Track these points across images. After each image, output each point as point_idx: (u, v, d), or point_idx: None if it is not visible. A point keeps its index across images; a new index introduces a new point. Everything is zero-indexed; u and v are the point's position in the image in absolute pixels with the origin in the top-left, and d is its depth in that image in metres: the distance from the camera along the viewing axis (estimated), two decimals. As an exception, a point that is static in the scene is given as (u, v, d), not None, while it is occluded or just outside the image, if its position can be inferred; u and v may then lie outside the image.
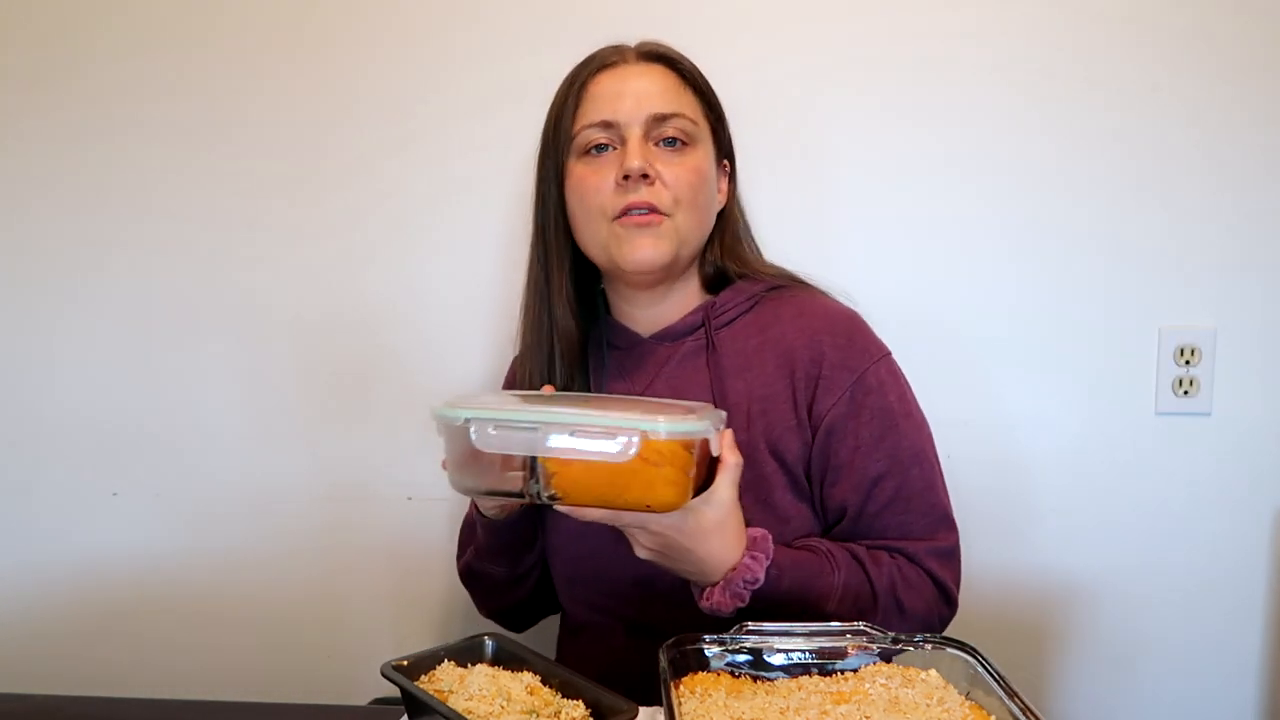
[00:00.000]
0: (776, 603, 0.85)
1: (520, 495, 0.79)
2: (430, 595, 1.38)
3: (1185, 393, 1.28)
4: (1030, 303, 1.29)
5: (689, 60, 1.01)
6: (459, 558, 1.10)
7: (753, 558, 0.84)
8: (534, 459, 0.77)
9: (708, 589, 0.85)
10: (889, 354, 0.98)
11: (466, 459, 0.79)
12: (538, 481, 0.77)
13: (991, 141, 1.27)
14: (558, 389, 1.00)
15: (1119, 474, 1.30)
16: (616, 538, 0.86)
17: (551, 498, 0.77)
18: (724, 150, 1.04)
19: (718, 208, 1.03)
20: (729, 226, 1.05)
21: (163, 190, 1.35)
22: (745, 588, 0.83)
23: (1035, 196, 1.28)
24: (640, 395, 1.00)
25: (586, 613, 1.04)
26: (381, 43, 1.31)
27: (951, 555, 0.96)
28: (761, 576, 0.84)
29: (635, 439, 0.74)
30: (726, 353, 0.99)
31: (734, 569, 0.83)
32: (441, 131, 1.31)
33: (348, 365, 1.36)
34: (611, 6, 1.28)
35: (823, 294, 1.04)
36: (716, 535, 0.82)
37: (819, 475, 0.95)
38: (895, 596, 0.91)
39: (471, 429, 0.76)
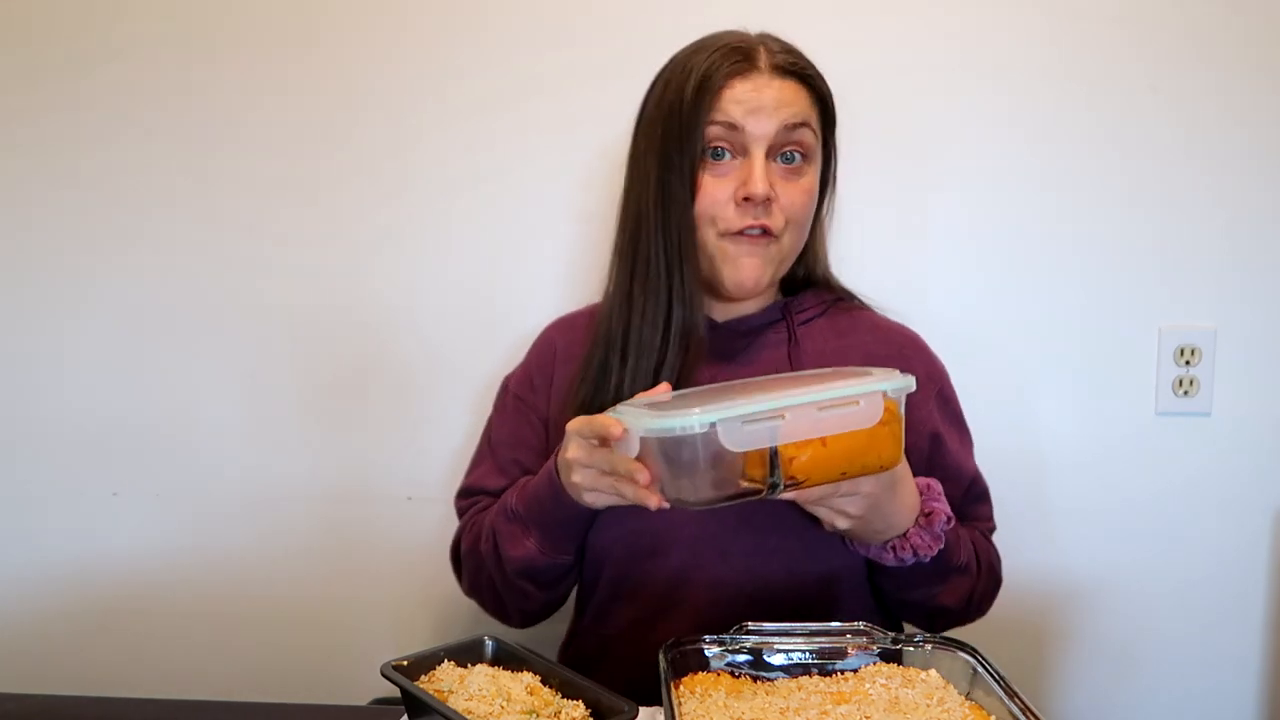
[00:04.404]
0: (945, 549, 0.91)
1: (758, 491, 0.73)
2: (430, 595, 1.38)
3: (1185, 393, 1.28)
4: (1030, 303, 1.29)
5: (819, 73, 0.98)
6: (509, 557, 0.97)
7: (937, 499, 0.89)
8: (774, 449, 0.72)
9: (899, 541, 0.88)
10: None
11: (707, 467, 0.72)
12: (777, 472, 0.73)
13: (989, 143, 1.27)
14: (660, 383, 0.95)
15: (1119, 474, 1.30)
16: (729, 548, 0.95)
17: (790, 484, 0.74)
18: (827, 157, 1.03)
19: None
20: (819, 230, 1.06)
21: (162, 191, 1.35)
22: (944, 527, 0.88)
23: (1034, 197, 1.27)
24: (719, 377, 0.99)
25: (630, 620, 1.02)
26: (383, 43, 1.31)
27: None
28: (952, 515, 0.90)
29: (879, 400, 0.74)
30: (807, 349, 1.02)
31: (928, 514, 0.88)
32: (441, 132, 1.31)
33: (348, 365, 1.36)
34: (614, 7, 1.28)
35: (884, 314, 1.10)
36: (908, 482, 0.87)
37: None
38: (991, 560, 1.02)
39: (720, 431, 0.69)
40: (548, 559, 0.95)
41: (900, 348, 1.05)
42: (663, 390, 0.87)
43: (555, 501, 0.91)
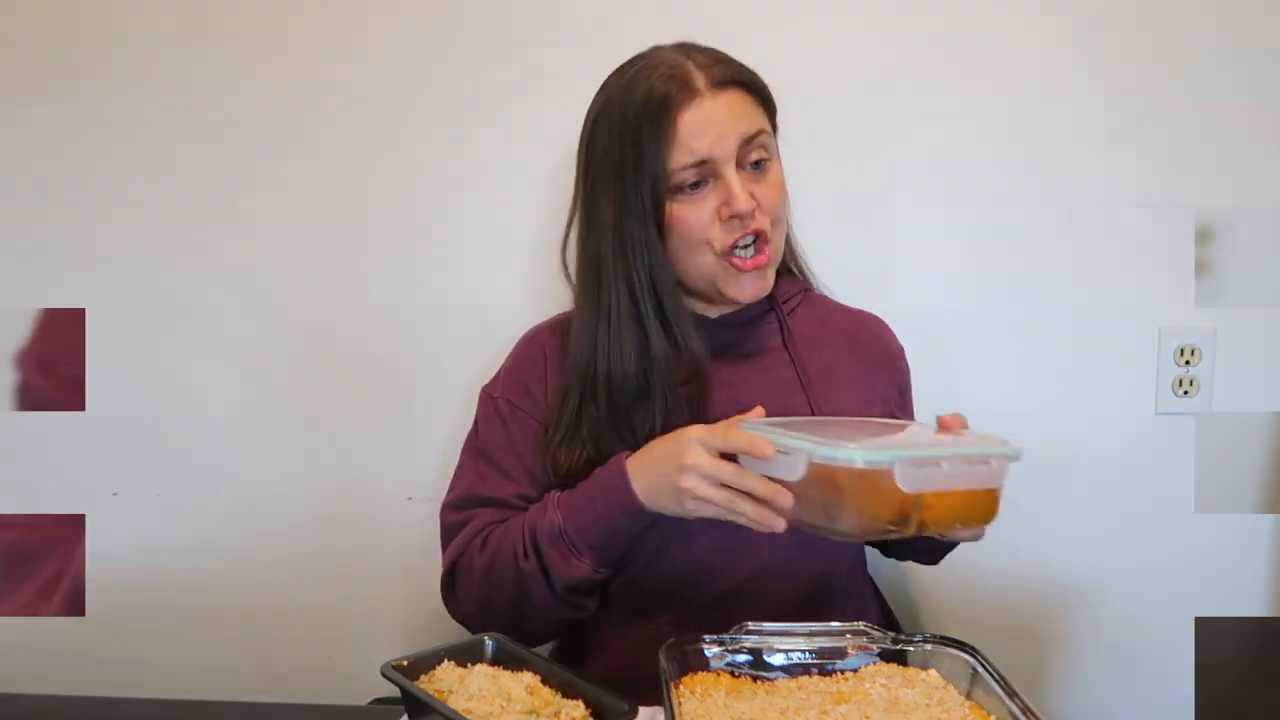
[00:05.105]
0: None
1: (895, 529, 0.77)
2: (430, 595, 1.36)
3: (1185, 393, 1.28)
4: (1030, 303, 1.29)
5: (751, 71, 0.99)
6: (563, 577, 0.95)
7: None
8: (919, 496, 0.76)
9: None
10: None
11: (868, 501, 0.76)
12: (914, 516, 0.76)
13: (989, 140, 1.27)
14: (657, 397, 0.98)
15: (1119, 474, 1.30)
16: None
17: (919, 530, 0.78)
18: None
19: None
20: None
21: (161, 188, 1.35)
22: None
23: (1034, 196, 1.27)
24: (721, 370, 1.02)
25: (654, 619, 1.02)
26: (383, 42, 1.31)
27: None
28: None
29: (1007, 465, 0.80)
30: (797, 335, 1.07)
31: None
32: (442, 131, 1.31)
33: (348, 365, 1.36)
34: (613, 6, 1.28)
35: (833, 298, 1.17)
36: None
37: None
38: None
39: (897, 470, 0.74)
40: (601, 574, 0.96)
41: (875, 330, 1.13)
42: (758, 414, 0.90)
43: (626, 516, 0.91)
